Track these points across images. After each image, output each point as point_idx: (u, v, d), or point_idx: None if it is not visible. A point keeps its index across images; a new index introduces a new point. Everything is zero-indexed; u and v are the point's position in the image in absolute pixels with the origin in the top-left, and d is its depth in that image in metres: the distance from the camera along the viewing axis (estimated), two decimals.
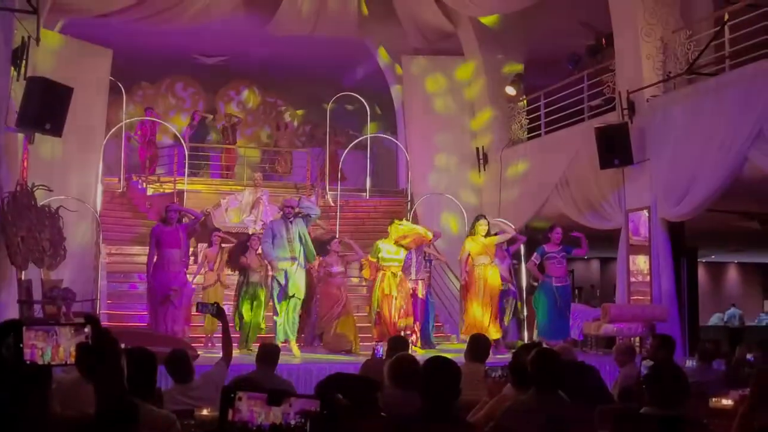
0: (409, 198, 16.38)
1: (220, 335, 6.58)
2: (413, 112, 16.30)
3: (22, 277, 10.29)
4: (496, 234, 12.03)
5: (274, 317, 11.08)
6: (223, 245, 12.39)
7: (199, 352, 9.22)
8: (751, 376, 5.55)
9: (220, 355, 6.22)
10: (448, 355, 4.32)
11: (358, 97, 17.76)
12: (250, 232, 14.57)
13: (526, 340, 12.68)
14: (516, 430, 4.24)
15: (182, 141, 16.59)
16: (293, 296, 10.88)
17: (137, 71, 18.71)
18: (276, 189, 16.83)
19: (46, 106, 10.32)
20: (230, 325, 11.14)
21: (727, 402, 5.64)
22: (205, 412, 5.04)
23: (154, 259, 10.88)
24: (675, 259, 11.21)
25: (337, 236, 13.10)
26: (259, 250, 11.56)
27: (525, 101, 15.15)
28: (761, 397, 4.78)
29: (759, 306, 24.87)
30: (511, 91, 15.28)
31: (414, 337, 11.45)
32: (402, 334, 10.55)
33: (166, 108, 20.38)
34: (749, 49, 10.07)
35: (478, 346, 6.64)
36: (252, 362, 6.79)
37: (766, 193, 11.09)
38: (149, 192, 16.53)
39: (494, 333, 11.31)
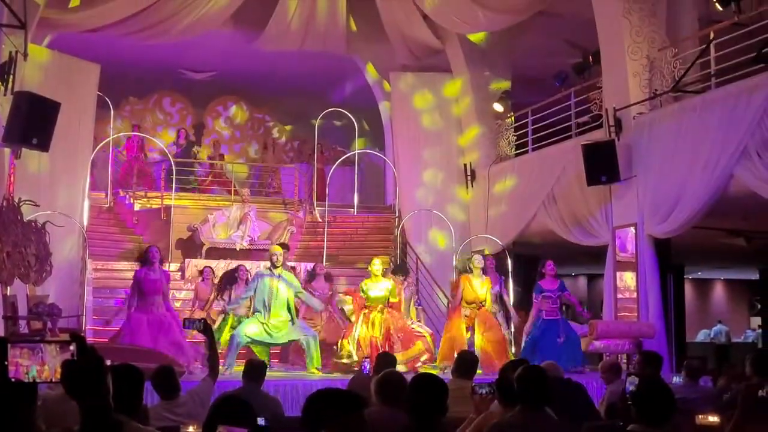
0: (396, 214, 16.38)
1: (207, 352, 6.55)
2: (401, 129, 16.34)
3: (8, 293, 10.23)
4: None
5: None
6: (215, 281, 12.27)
7: (185, 369, 9.17)
8: (739, 392, 5.57)
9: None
10: (435, 372, 4.31)
11: (346, 113, 17.79)
12: (237, 248, 14.56)
13: (513, 357, 12.66)
14: None
15: (169, 156, 16.57)
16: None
17: (125, 86, 18.68)
18: (264, 205, 16.81)
19: (33, 121, 10.29)
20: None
21: (714, 419, 5.64)
22: (191, 429, 5.01)
23: (134, 303, 10.34)
24: (662, 276, 11.25)
25: (323, 263, 13.04)
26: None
27: (512, 118, 15.21)
28: (749, 413, 4.80)
29: (745, 322, 24.94)
30: (498, 107, 15.36)
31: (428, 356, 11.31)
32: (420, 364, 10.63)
33: (153, 123, 20.33)
34: (734, 67, 10.15)
35: (465, 362, 6.62)
36: (235, 379, 6.76)
37: (751, 210, 11.14)
38: (136, 207, 16.47)
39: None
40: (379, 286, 11.09)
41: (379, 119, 18.28)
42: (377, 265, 11.20)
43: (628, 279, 11.49)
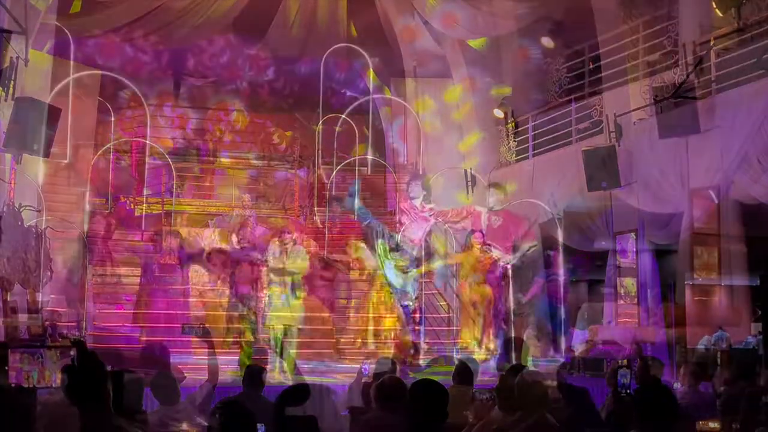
0: (397, 219, 16.34)
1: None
2: (401, 134, 16.32)
3: (8, 298, 10.21)
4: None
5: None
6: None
7: (185, 375, 9.15)
8: (742, 401, 5.56)
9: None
10: (435, 378, 4.30)
11: (347, 118, 17.78)
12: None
13: (513, 362, 12.64)
14: None
15: (169, 161, 16.56)
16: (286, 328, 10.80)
17: (126, 92, 18.67)
18: (264, 210, 16.78)
19: (34, 127, 10.30)
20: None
21: (714, 425, 5.64)
22: (184, 426, 5.04)
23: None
24: (662, 282, 11.24)
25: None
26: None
27: (513, 124, 15.20)
28: (753, 419, 4.79)
29: (746, 329, 24.87)
30: (499, 113, 15.35)
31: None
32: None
33: (154, 129, 20.30)
34: (735, 73, 10.15)
35: (466, 369, 6.62)
36: (235, 385, 6.75)
37: (752, 216, 11.13)
38: (137, 213, 16.44)
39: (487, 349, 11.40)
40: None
41: (380, 125, 18.28)
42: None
43: (628, 284, 11.48)
